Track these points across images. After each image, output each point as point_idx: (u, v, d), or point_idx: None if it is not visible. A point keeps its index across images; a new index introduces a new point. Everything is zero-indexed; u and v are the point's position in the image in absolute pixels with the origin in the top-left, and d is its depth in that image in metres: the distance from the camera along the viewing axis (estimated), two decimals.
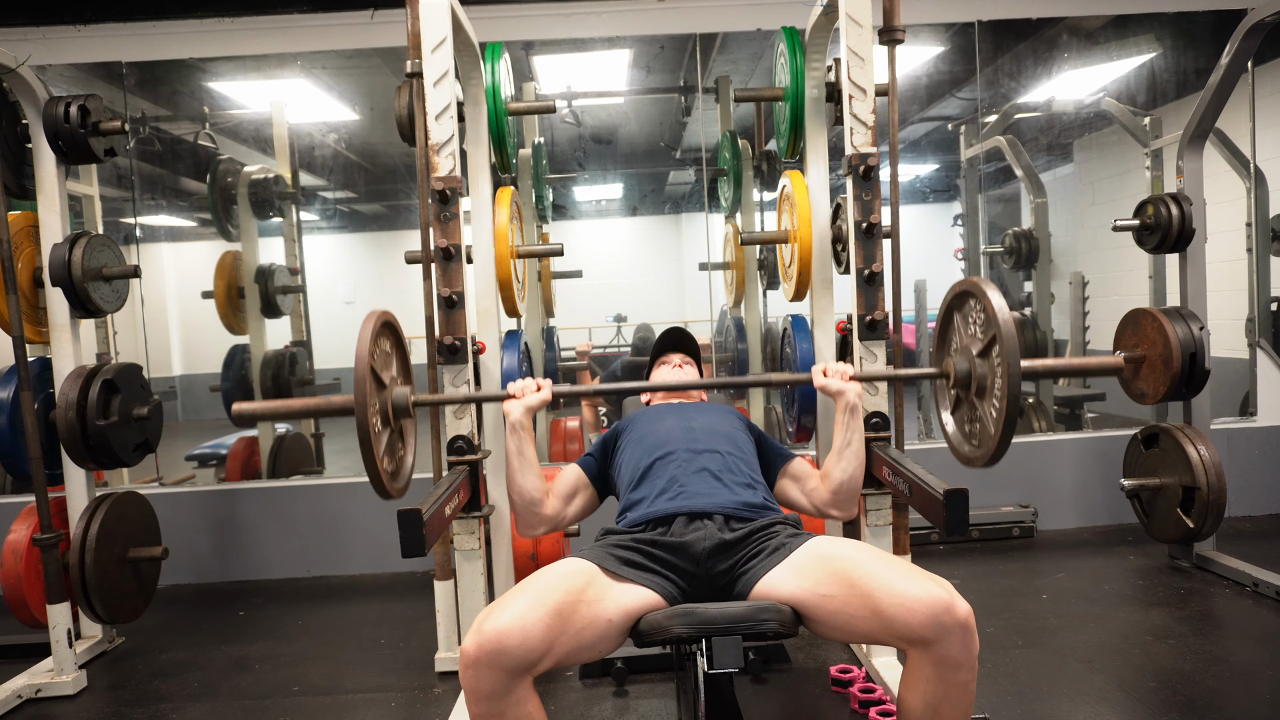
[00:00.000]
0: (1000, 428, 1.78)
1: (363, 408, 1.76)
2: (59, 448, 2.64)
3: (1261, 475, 3.80)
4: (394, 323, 2.01)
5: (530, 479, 1.95)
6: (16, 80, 2.56)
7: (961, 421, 2.04)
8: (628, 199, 6.13)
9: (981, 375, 1.88)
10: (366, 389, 1.78)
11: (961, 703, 1.42)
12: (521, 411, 1.96)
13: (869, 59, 2.20)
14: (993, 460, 1.85)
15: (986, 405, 1.88)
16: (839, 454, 1.98)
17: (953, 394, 2.04)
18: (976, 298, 1.89)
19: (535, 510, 1.97)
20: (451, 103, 2.25)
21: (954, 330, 2.04)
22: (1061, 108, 4.74)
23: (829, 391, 2.01)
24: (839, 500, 1.99)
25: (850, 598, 1.45)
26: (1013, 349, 1.73)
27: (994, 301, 1.78)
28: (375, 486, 1.83)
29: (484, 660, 1.35)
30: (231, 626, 3.13)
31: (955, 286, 1.99)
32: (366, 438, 1.76)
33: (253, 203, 4.30)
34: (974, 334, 1.93)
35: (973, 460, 1.96)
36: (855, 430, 1.97)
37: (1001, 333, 1.75)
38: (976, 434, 1.95)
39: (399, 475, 2.01)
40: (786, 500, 2.04)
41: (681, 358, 2.33)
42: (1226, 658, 2.41)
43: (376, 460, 1.80)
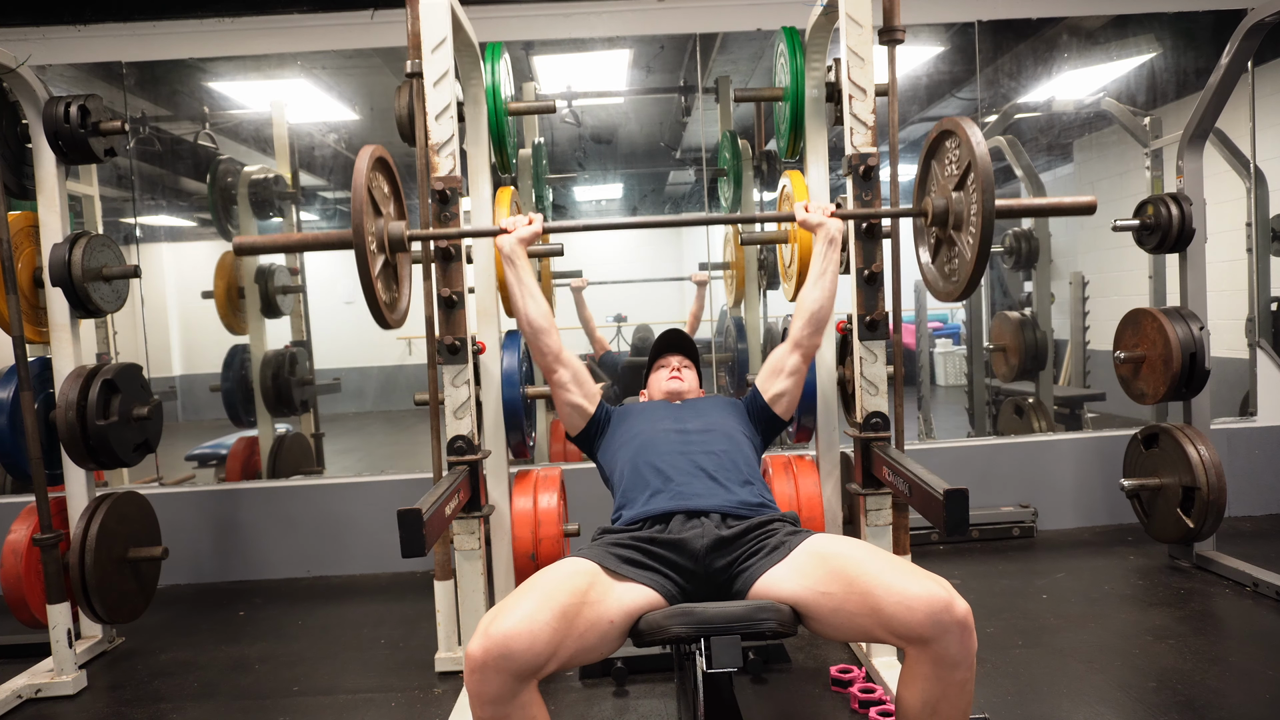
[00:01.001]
0: (975, 250, 1.87)
1: (360, 235, 1.81)
2: (59, 448, 2.64)
3: (1261, 475, 3.80)
4: (388, 159, 2.06)
5: (533, 305, 2.04)
6: (16, 80, 2.57)
7: (941, 263, 2.13)
8: (628, 199, 6.13)
9: (959, 209, 1.97)
10: (364, 217, 1.82)
11: (960, 701, 1.42)
12: (514, 242, 2.06)
13: (869, 59, 2.20)
14: (968, 290, 1.96)
15: (963, 235, 1.95)
16: (814, 283, 2.10)
17: (932, 233, 2.13)
18: (953, 133, 1.97)
19: (542, 340, 2.05)
20: (451, 103, 2.25)
21: (932, 176, 2.12)
22: (1061, 108, 4.74)
23: (809, 225, 2.12)
24: (812, 327, 2.09)
25: (849, 596, 1.45)
26: (986, 174, 1.81)
27: (969, 133, 1.86)
28: (374, 314, 1.89)
29: (491, 664, 1.34)
30: (231, 626, 3.13)
31: (934, 129, 2.07)
32: (365, 265, 1.81)
33: (253, 203, 4.30)
34: (951, 172, 2.00)
35: (950, 294, 2.06)
36: (832, 260, 2.10)
37: (976, 158, 1.84)
38: (955, 270, 2.03)
39: (396, 307, 2.07)
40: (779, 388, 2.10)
41: (680, 360, 2.33)
42: (1226, 658, 2.41)
43: (375, 288, 1.85)
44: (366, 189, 1.87)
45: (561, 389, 2.07)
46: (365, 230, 1.84)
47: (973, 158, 1.85)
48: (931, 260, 2.19)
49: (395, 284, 2.11)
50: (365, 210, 1.85)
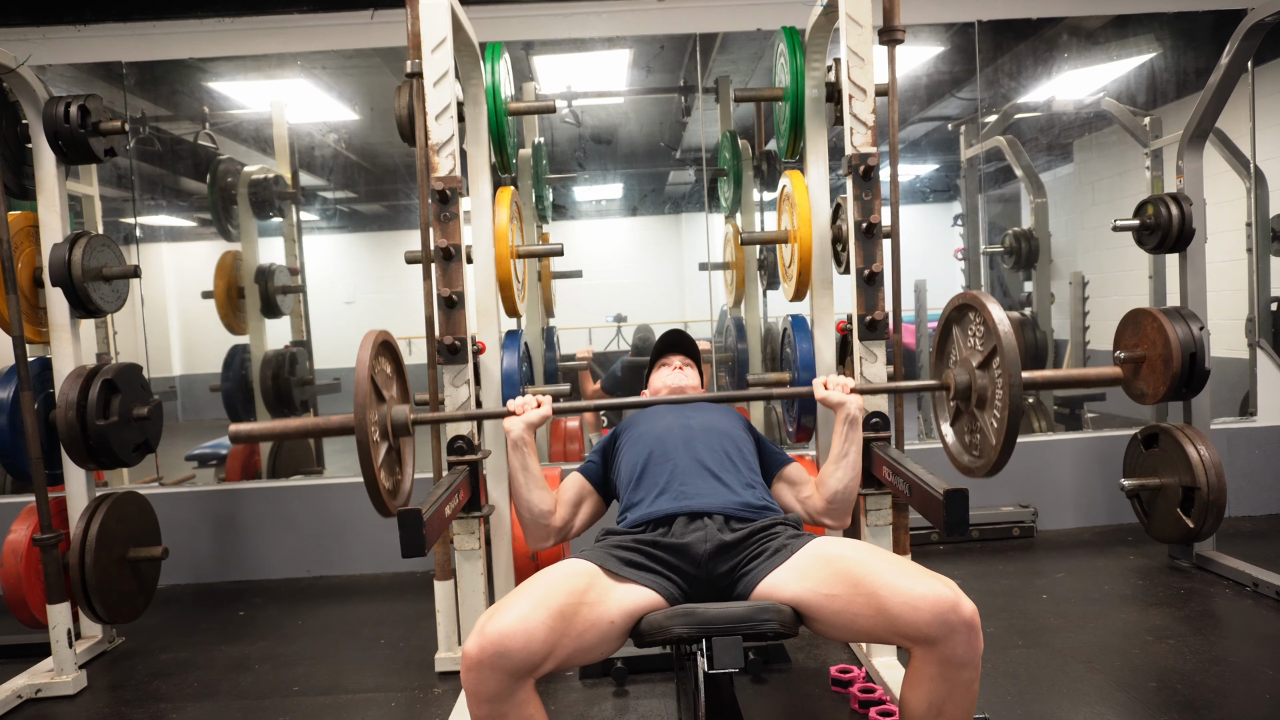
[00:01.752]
0: (1002, 438, 1.79)
1: (363, 429, 1.77)
2: (59, 448, 2.64)
3: (1261, 475, 3.80)
4: (392, 342, 2.02)
5: (537, 494, 1.94)
6: (16, 80, 2.56)
7: (961, 433, 2.04)
8: (628, 199, 6.13)
9: (982, 387, 1.89)
10: (367, 410, 1.78)
11: (965, 702, 1.42)
12: (522, 428, 1.95)
13: (869, 59, 2.20)
14: (994, 470, 1.86)
15: (987, 416, 1.88)
16: (835, 464, 1.98)
17: (952, 405, 2.05)
18: (976, 310, 1.90)
19: (544, 523, 1.96)
20: (451, 103, 2.25)
21: (953, 343, 2.05)
22: (1061, 108, 4.73)
23: (829, 404, 2.02)
24: (833, 509, 1.99)
25: (854, 597, 1.45)
26: (1013, 361, 1.73)
27: (994, 314, 1.79)
28: (376, 505, 1.84)
29: (486, 662, 1.34)
30: (231, 626, 3.13)
31: (954, 300, 2.00)
32: (368, 459, 1.77)
33: (253, 203, 4.30)
34: (974, 346, 1.94)
35: (973, 470, 1.96)
36: (854, 442, 1.98)
37: (1002, 344, 1.75)
38: (977, 444, 1.95)
39: (398, 493, 2.01)
40: (781, 505, 2.03)
41: (681, 359, 2.33)
42: (1226, 658, 2.41)
43: (378, 481, 1.81)
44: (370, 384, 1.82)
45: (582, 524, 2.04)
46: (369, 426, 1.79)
47: (999, 344, 1.77)
48: (951, 426, 2.10)
49: (399, 464, 2.06)
50: (369, 401, 1.80)
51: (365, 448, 1.77)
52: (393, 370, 2.05)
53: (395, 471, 2.03)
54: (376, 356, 1.90)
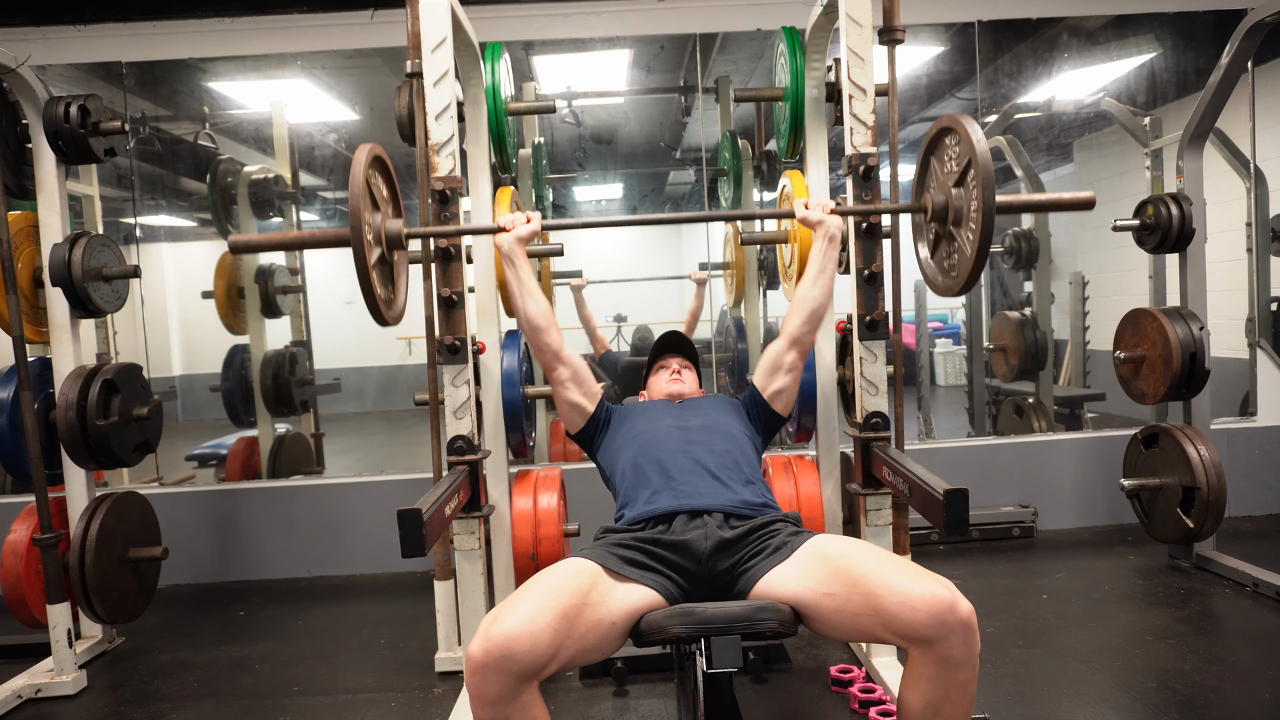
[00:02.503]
0: (976, 247, 1.87)
1: (358, 231, 1.81)
2: (59, 448, 2.64)
3: (1261, 475, 3.80)
4: (384, 158, 2.06)
5: (532, 303, 2.04)
6: (16, 80, 2.57)
7: (940, 258, 2.13)
8: (628, 199, 6.13)
9: (958, 206, 1.97)
10: (361, 214, 1.82)
11: (962, 702, 1.42)
12: (512, 241, 2.07)
13: (869, 59, 2.20)
14: (968, 285, 1.96)
15: (963, 230, 1.95)
16: (813, 281, 2.11)
17: (931, 230, 2.12)
18: (953, 131, 1.97)
19: (542, 338, 2.05)
20: (451, 103, 2.25)
21: (931, 173, 2.12)
22: (1061, 108, 4.74)
23: (809, 222, 2.13)
24: (809, 326, 2.10)
25: (852, 596, 1.45)
26: (987, 170, 1.81)
27: (969, 130, 1.86)
28: (371, 310, 1.90)
29: (492, 665, 1.34)
30: (231, 626, 3.13)
31: (933, 127, 2.07)
32: (362, 260, 1.82)
33: (253, 203, 4.30)
34: (950, 169, 2.00)
35: (949, 288, 2.06)
36: (831, 258, 2.12)
37: (976, 155, 1.84)
38: (954, 265, 2.03)
39: (393, 304, 2.07)
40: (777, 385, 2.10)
41: (680, 361, 2.33)
42: (1226, 658, 2.41)
43: (372, 283, 1.85)
44: (365, 185, 1.87)
45: (561, 386, 2.07)
46: (363, 227, 1.85)
47: (973, 154, 1.85)
48: (930, 256, 2.19)
49: (392, 281, 2.11)
50: (363, 207, 1.85)
51: (360, 254, 1.81)
52: (388, 191, 2.09)
53: (389, 285, 2.07)
54: (371, 168, 1.94)
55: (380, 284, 1.97)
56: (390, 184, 2.11)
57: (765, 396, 2.10)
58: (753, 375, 2.18)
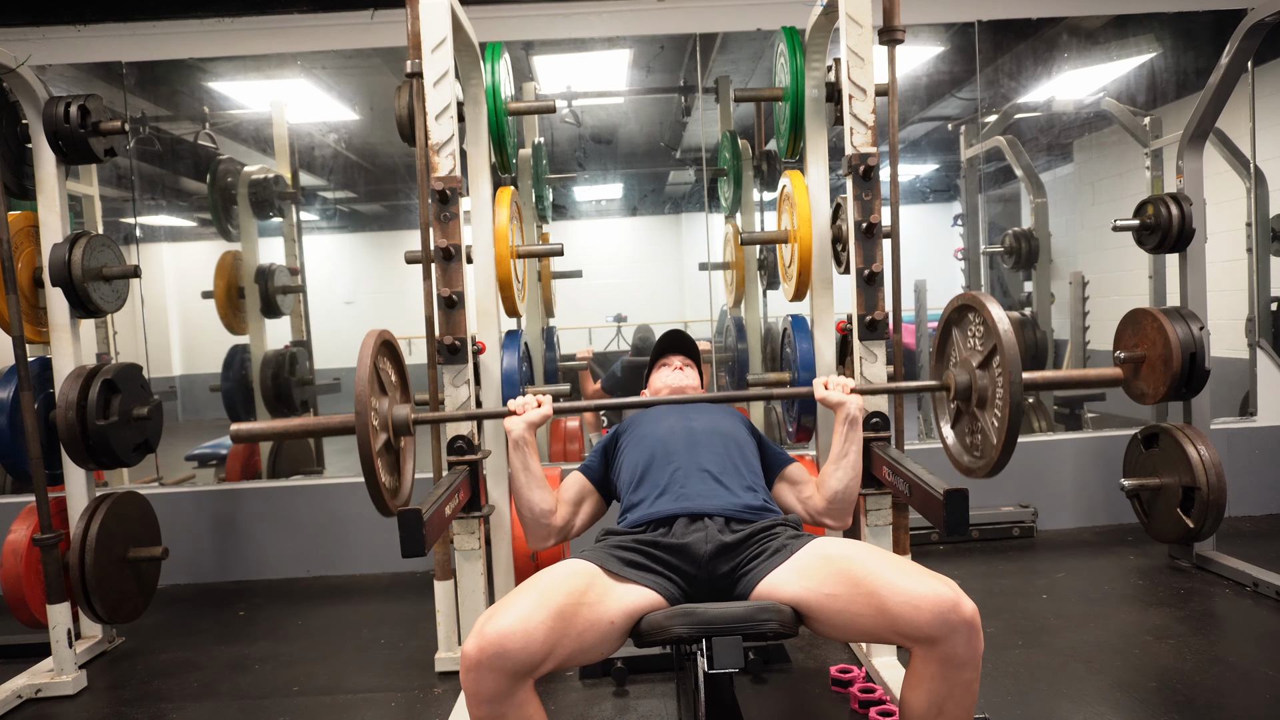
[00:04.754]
0: (1003, 438, 1.78)
1: (364, 422, 1.76)
2: (59, 448, 2.64)
3: (1261, 475, 3.80)
4: (393, 341, 2.02)
5: (538, 493, 1.93)
6: (16, 80, 2.56)
7: (962, 434, 2.04)
8: (628, 199, 6.13)
9: (982, 387, 1.89)
10: (369, 405, 1.78)
11: (965, 702, 1.42)
12: (523, 428, 1.95)
13: (869, 59, 2.20)
14: (995, 470, 1.86)
15: (988, 416, 1.88)
16: (836, 464, 1.98)
17: (953, 406, 2.05)
18: (975, 310, 1.90)
19: (545, 522, 1.95)
20: (451, 103, 2.25)
21: (953, 344, 2.05)
22: (1061, 108, 4.74)
23: (829, 404, 2.02)
24: (833, 509, 1.99)
25: (855, 597, 1.45)
26: (1013, 360, 1.73)
27: (993, 313, 1.80)
28: (377, 505, 1.84)
29: (485, 663, 1.34)
30: (231, 626, 3.13)
31: (953, 301, 2.00)
32: (369, 459, 1.76)
33: (253, 203, 4.30)
34: (974, 346, 1.94)
35: (974, 471, 1.96)
36: (854, 442, 1.98)
37: (1002, 343, 1.75)
38: (978, 445, 1.95)
39: (399, 493, 2.01)
40: (782, 505, 2.04)
41: (681, 359, 2.33)
42: (1226, 658, 2.41)
43: (379, 481, 1.81)
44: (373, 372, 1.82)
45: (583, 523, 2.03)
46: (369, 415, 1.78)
47: (999, 342, 1.77)
48: (953, 429, 2.09)
49: (399, 469, 2.05)
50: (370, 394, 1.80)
51: (366, 448, 1.76)
52: (394, 370, 2.05)
53: (396, 471, 2.03)
54: (377, 356, 1.90)
55: (385, 473, 1.91)
56: (399, 368, 2.07)
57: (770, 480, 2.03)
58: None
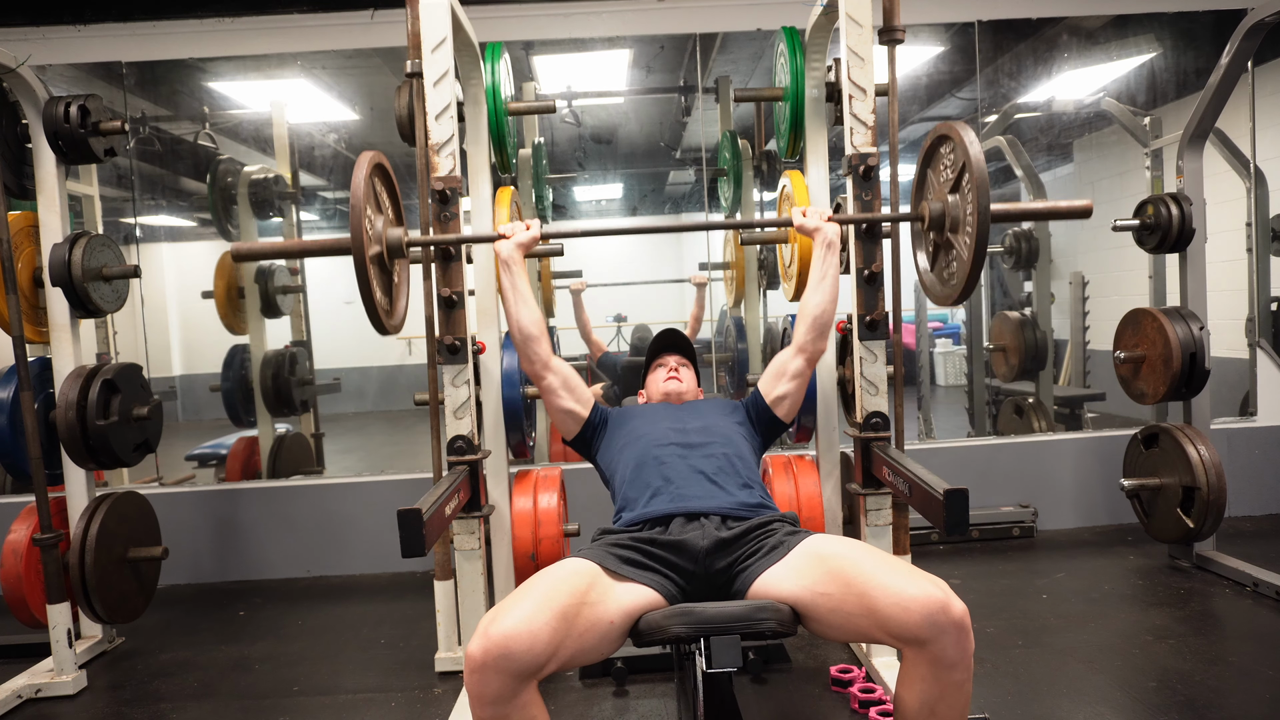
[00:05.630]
0: (972, 250, 1.89)
1: (359, 244, 1.82)
2: (59, 448, 2.64)
3: (1261, 475, 3.80)
4: (386, 165, 2.06)
5: (525, 312, 2.04)
6: (16, 80, 2.56)
7: (940, 269, 2.15)
8: (628, 199, 6.13)
9: (955, 212, 1.99)
10: (363, 227, 1.83)
11: (957, 702, 1.42)
12: (512, 247, 2.07)
13: (869, 59, 2.20)
14: (966, 291, 1.97)
15: (960, 237, 1.97)
16: (815, 288, 2.11)
17: (929, 238, 2.13)
18: (949, 138, 1.98)
19: (532, 347, 2.04)
20: (451, 103, 2.25)
21: (929, 182, 2.14)
22: (1061, 108, 4.74)
23: (807, 230, 2.14)
24: (815, 334, 2.09)
25: (846, 596, 1.45)
26: (981, 176, 1.84)
27: (965, 138, 1.88)
28: (372, 319, 1.92)
29: (490, 665, 1.34)
30: (231, 626, 3.13)
31: (930, 134, 2.08)
32: (363, 270, 1.83)
33: (253, 203, 4.30)
34: (946, 176, 2.02)
35: (948, 297, 2.07)
36: (831, 265, 2.12)
37: (970, 162, 1.86)
38: (952, 273, 2.05)
39: (394, 313, 2.08)
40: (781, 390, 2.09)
41: (677, 359, 2.33)
42: (1226, 658, 2.41)
43: (373, 293, 1.87)
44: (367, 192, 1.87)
45: (552, 394, 2.07)
46: (364, 234, 1.84)
47: (967, 160, 1.87)
48: (930, 265, 2.19)
49: (392, 290, 2.11)
50: (364, 217, 1.85)
51: (361, 262, 1.83)
52: (389, 197, 2.09)
53: (390, 293, 2.08)
54: (372, 177, 1.94)
55: (380, 291, 1.97)
56: (392, 192, 2.12)
57: (768, 401, 2.10)
58: (756, 378, 2.18)
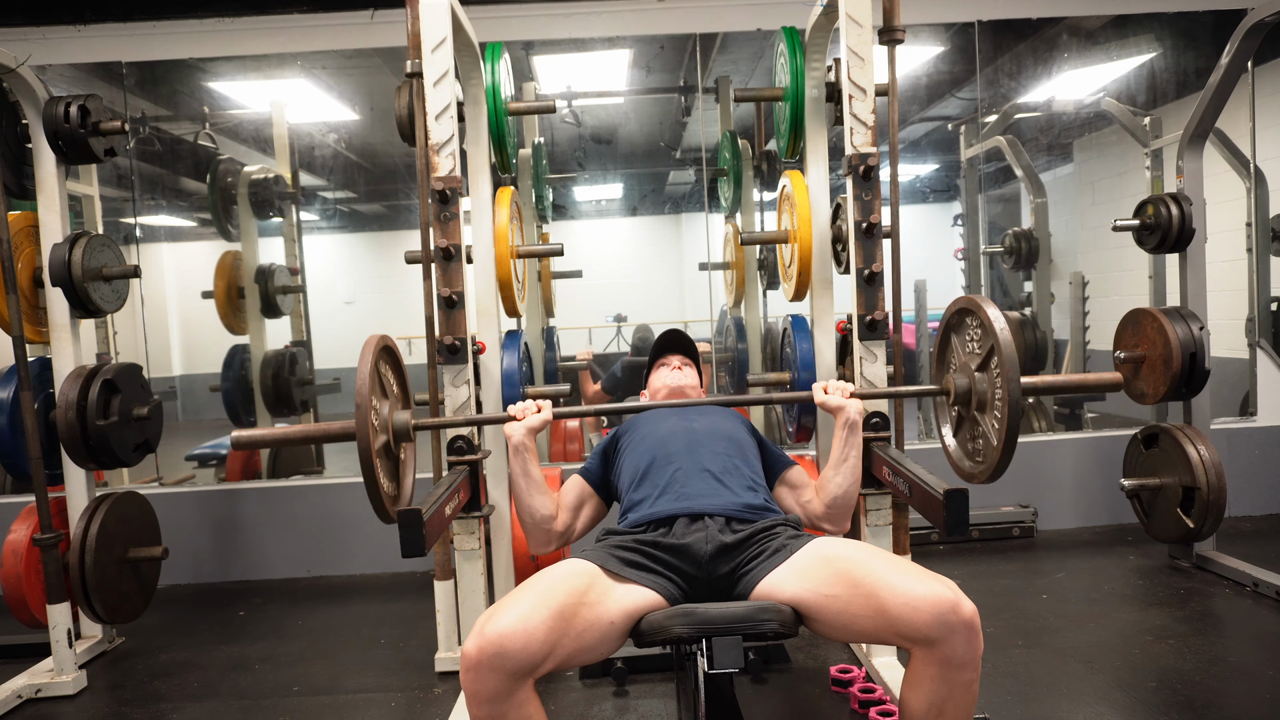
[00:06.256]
0: (1002, 439, 1.78)
1: (365, 440, 1.74)
2: (59, 448, 2.64)
3: (1261, 475, 3.80)
4: (392, 346, 2.01)
5: (539, 498, 1.93)
6: (16, 80, 2.56)
7: (964, 440, 2.04)
8: (628, 199, 6.12)
9: (981, 390, 1.89)
10: (369, 421, 1.76)
11: (965, 703, 1.42)
12: (523, 433, 1.94)
13: (869, 59, 2.20)
14: (995, 474, 1.85)
15: (988, 419, 1.88)
16: (835, 469, 1.97)
17: (954, 411, 2.04)
18: (973, 313, 1.90)
19: (546, 528, 1.95)
20: (451, 103, 2.25)
21: (952, 350, 2.05)
22: (1061, 108, 4.73)
23: (829, 408, 2.00)
24: (832, 514, 1.99)
25: (854, 597, 1.45)
26: (1011, 360, 1.73)
27: (990, 315, 1.80)
28: (378, 511, 1.82)
29: (485, 663, 1.34)
30: (231, 626, 3.13)
31: (952, 305, 2.00)
32: (370, 466, 1.75)
33: (253, 203, 4.30)
34: (972, 350, 1.94)
35: (976, 476, 1.95)
36: (853, 446, 1.96)
37: (999, 343, 1.76)
38: (979, 450, 1.95)
39: (399, 499, 2.00)
40: (782, 507, 2.03)
41: (680, 359, 2.32)
42: (1226, 658, 2.41)
43: (380, 487, 1.79)
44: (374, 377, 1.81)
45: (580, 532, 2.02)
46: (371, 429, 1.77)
47: (996, 342, 1.77)
48: (954, 435, 2.09)
49: (398, 476, 2.04)
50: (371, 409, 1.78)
51: (367, 454, 1.75)
52: (394, 376, 2.04)
53: (396, 478, 2.02)
54: (378, 361, 1.89)
55: (386, 480, 1.90)
56: (398, 371, 2.05)
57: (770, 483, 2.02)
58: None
